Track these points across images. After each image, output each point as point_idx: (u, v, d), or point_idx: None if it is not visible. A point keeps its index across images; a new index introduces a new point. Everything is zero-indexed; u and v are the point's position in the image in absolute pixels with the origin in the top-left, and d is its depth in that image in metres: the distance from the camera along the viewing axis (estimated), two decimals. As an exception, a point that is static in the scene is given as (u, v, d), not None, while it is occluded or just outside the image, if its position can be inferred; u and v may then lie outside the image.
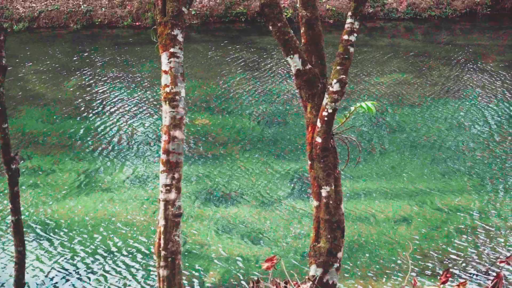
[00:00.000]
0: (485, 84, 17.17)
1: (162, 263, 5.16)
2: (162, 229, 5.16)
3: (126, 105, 15.87)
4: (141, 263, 8.99)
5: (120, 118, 14.96)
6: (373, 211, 10.30)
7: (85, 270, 8.84)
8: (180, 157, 5.17)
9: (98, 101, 16.22)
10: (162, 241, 5.15)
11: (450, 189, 11.07)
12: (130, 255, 9.19)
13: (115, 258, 9.12)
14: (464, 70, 18.65)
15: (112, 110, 15.55)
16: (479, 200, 10.70)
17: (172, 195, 5.14)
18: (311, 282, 5.43)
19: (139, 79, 18.16)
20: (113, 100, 16.28)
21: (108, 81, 18.00)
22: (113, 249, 9.35)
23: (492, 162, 12.24)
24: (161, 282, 5.18)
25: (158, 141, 13.25)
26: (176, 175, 5.16)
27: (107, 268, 8.90)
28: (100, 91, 17.06)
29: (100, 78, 18.27)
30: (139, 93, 16.84)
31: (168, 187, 5.14)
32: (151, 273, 8.72)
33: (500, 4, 26.18)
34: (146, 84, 17.65)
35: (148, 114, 15.23)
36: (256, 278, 5.56)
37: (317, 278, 5.45)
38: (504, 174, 11.74)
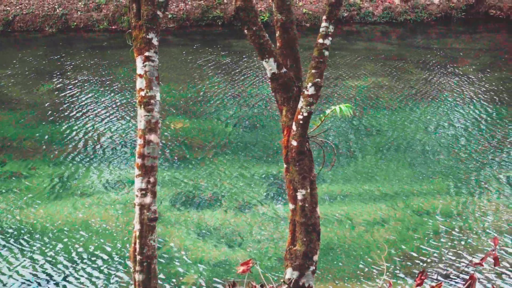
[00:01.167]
0: (460, 88, 17.33)
1: (137, 268, 5.14)
2: (137, 233, 5.14)
3: (102, 109, 15.78)
4: (117, 268, 8.94)
5: (95, 122, 14.87)
6: (349, 214, 10.34)
7: (59, 276, 8.76)
8: (156, 161, 5.16)
9: (73, 106, 16.10)
10: (137, 246, 5.13)
11: (425, 191, 11.16)
12: (106, 260, 9.13)
13: (90, 263, 9.06)
14: (439, 73, 18.81)
15: (88, 114, 15.45)
16: (454, 202, 10.79)
17: (148, 199, 5.12)
18: (286, 285, 5.43)
19: (115, 83, 18.07)
20: (89, 104, 16.17)
21: (84, 85, 17.88)
22: (88, 254, 9.29)
23: (468, 164, 12.35)
24: (137, 286, 5.16)
25: (134, 145, 13.19)
26: (151, 179, 5.14)
27: (82, 273, 8.84)
28: (76, 95, 16.95)
29: (75, 82, 18.15)
30: (114, 97, 16.75)
31: (144, 191, 5.12)
32: (127, 277, 8.68)
33: (474, 8, 26.45)
34: (122, 88, 17.57)
35: (124, 118, 15.16)
36: (231, 281, 5.55)
37: (293, 281, 5.45)
38: (479, 176, 11.85)
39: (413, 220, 10.16)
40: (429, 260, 9.03)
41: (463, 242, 9.53)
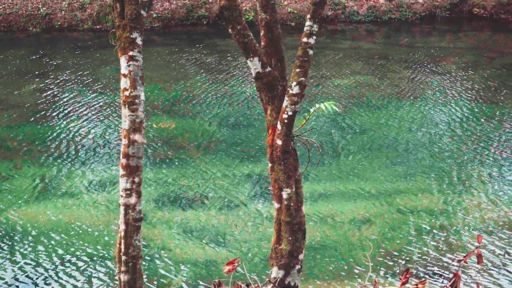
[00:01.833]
0: (444, 86, 17.43)
1: (123, 268, 5.13)
2: (122, 233, 5.12)
3: (85, 109, 15.71)
4: (102, 268, 8.90)
5: (79, 122, 14.79)
6: (334, 213, 10.36)
7: (41, 278, 8.72)
8: (140, 161, 5.14)
9: (58, 106, 16.02)
10: (122, 246, 5.11)
11: (410, 190, 11.21)
12: (91, 260, 9.09)
13: (75, 264, 9.01)
14: (423, 72, 18.90)
15: (72, 114, 15.37)
16: (438, 200, 10.85)
17: (133, 200, 5.11)
18: (272, 284, 5.43)
19: (99, 82, 17.99)
20: (72, 105, 16.10)
21: (68, 85, 17.79)
22: (73, 254, 9.24)
23: (451, 162, 12.42)
24: (122, 287, 5.14)
25: (118, 145, 13.15)
26: (136, 179, 5.13)
27: (67, 274, 8.79)
28: (60, 95, 16.87)
29: (59, 82, 18.05)
30: (99, 97, 16.68)
31: (128, 192, 5.10)
32: (112, 278, 8.64)
33: (458, 7, 26.60)
34: (107, 87, 17.50)
35: (108, 118, 15.10)
36: (217, 281, 5.55)
37: (279, 280, 5.46)
38: (462, 173, 11.92)
39: (397, 219, 10.20)
40: (413, 258, 9.07)
41: (447, 240, 9.58)
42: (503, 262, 8.99)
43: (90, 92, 17.13)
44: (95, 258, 9.15)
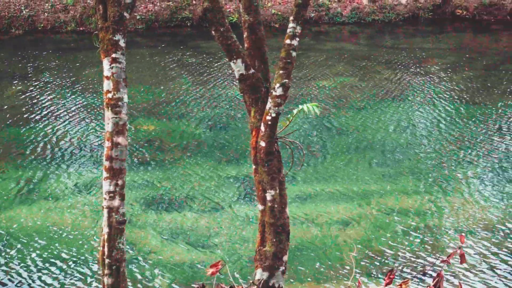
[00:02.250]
0: (426, 87, 17.52)
1: (106, 271, 5.10)
2: (106, 236, 5.10)
3: (69, 112, 15.63)
4: (86, 272, 8.85)
5: (62, 124, 14.72)
6: (318, 214, 10.38)
7: (25, 281, 8.66)
8: (124, 163, 5.13)
9: (41, 108, 15.93)
10: (106, 249, 5.09)
11: (393, 190, 11.26)
12: (74, 264, 9.04)
13: (58, 267, 8.96)
14: (407, 73, 18.99)
15: (55, 116, 15.29)
16: (421, 200, 10.90)
17: (116, 202, 5.09)
18: (256, 286, 5.43)
19: (82, 85, 17.91)
20: (56, 107, 16.01)
21: (51, 87, 17.70)
22: (56, 258, 9.19)
23: (434, 163, 12.49)
24: (105, 290, 5.12)
25: (100, 147, 13.10)
26: (119, 182, 5.11)
27: (50, 277, 8.74)
28: (43, 97, 16.77)
29: (42, 84, 17.95)
30: (82, 99, 16.61)
31: (112, 194, 5.08)
32: (96, 281, 8.60)
33: (441, 8, 26.75)
34: (90, 90, 17.42)
35: (91, 121, 15.03)
36: (200, 284, 5.54)
37: (263, 281, 5.46)
38: (445, 174, 11.99)
39: (381, 219, 10.24)
40: (397, 259, 9.11)
41: (430, 240, 9.63)
42: (486, 261, 9.06)
43: (72, 94, 17.05)
44: (77, 261, 9.10)
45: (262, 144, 5.43)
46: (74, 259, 9.16)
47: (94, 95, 16.89)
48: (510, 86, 17.53)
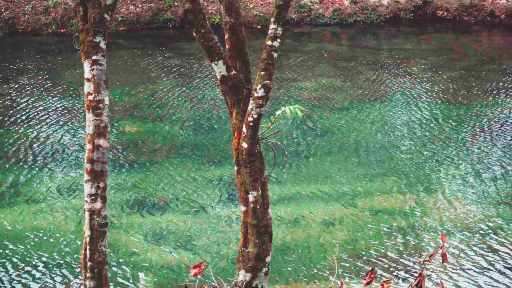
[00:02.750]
0: (409, 87, 17.62)
1: (88, 274, 5.08)
2: (88, 239, 5.08)
3: (50, 114, 15.53)
4: (68, 275, 8.80)
5: (43, 127, 14.62)
6: (301, 215, 10.40)
7: (7, 284, 8.59)
8: (105, 166, 5.11)
9: (21, 111, 15.81)
10: (88, 252, 5.07)
11: (375, 191, 11.31)
12: (56, 267, 8.99)
13: (40, 271, 8.90)
14: (388, 73, 19.09)
15: (36, 119, 15.18)
16: (404, 200, 10.96)
17: (98, 205, 5.07)
18: (238, 287, 5.43)
19: (64, 87, 17.80)
20: (37, 109, 15.90)
21: (32, 90, 17.57)
22: (38, 261, 9.13)
23: (417, 163, 12.56)
24: (87, 293, 5.10)
25: (81, 150, 13.03)
26: (101, 184, 5.09)
27: (31, 281, 8.68)
28: (24, 100, 16.65)
29: (23, 87, 17.82)
30: (63, 102, 16.51)
31: (93, 197, 5.07)
32: (78, 284, 8.56)
33: (422, 9, 26.91)
34: (71, 92, 17.31)
35: (72, 123, 14.94)
36: (183, 285, 5.53)
37: (246, 283, 5.46)
38: (428, 174, 12.06)
39: (363, 220, 10.28)
40: (379, 258, 9.15)
41: (412, 240, 9.69)
42: (467, 260, 9.13)
43: (53, 96, 16.94)
44: (59, 265, 9.05)
45: (244, 145, 5.43)
46: (56, 262, 9.11)
47: (75, 97, 16.79)
48: (489, 86, 17.68)
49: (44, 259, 9.18)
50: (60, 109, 15.92)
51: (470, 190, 11.36)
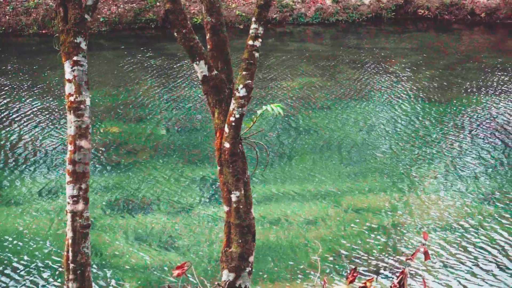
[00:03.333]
0: (390, 86, 17.71)
1: (71, 276, 5.06)
2: (70, 241, 5.05)
3: (31, 115, 15.43)
4: (50, 278, 8.76)
5: (25, 128, 14.52)
6: (285, 214, 10.42)
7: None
8: (87, 167, 5.08)
9: (2, 112, 15.70)
10: (70, 254, 5.05)
11: (357, 189, 11.36)
12: (38, 269, 8.94)
13: (22, 274, 8.85)
14: (370, 72, 19.17)
15: (17, 120, 15.08)
16: (387, 198, 11.02)
17: (80, 206, 5.05)
18: (221, 287, 5.43)
19: (45, 88, 17.70)
20: (18, 111, 15.79)
21: (13, 91, 17.45)
22: (20, 264, 9.07)
23: (399, 161, 12.63)
24: (70, 295, 5.07)
25: (62, 151, 12.96)
26: (83, 186, 5.06)
27: (13, 283, 8.62)
28: (4, 101, 16.53)
29: (4, 88, 17.69)
30: (45, 103, 16.41)
31: (75, 198, 5.04)
32: (60, 286, 8.52)
33: (403, 8, 27.05)
34: (52, 93, 17.21)
35: (54, 124, 14.86)
36: (167, 286, 5.52)
37: (229, 283, 5.46)
38: (410, 172, 12.13)
39: (346, 218, 10.32)
40: (362, 257, 9.19)
41: (394, 238, 9.74)
42: (449, 258, 9.19)
43: (33, 97, 16.84)
44: (41, 267, 9.00)
45: (227, 145, 5.43)
46: (39, 264, 9.05)
47: (57, 98, 16.70)
48: (469, 84, 17.81)
49: (26, 261, 9.13)
50: (42, 110, 15.83)
51: (452, 187, 11.44)
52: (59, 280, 8.66)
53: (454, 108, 15.84)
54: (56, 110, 15.84)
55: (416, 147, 13.36)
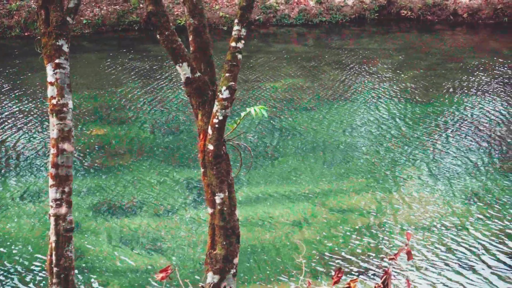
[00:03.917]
0: (374, 87, 17.77)
1: (54, 280, 5.03)
2: (53, 245, 5.03)
3: (14, 118, 15.32)
4: (33, 282, 8.70)
5: (7, 132, 14.42)
6: (270, 215, 10.43)
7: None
8: (70, 170, 5.06)
9: (-14, 115, 15.59)
10: (54, 257, 5.02)
11: (342, 190, 11.38)
12: (22, 274, 8.88)
13: (4, 278, 8.78)
14: (354, 73, 19.22)
15: None
16: (370, 199, 11.05)
17: (63, 210, 5.02)
18: (206, 290, 5.42)
19: (28, 91, 17.58)
20: (0, 114, 15.68)
21: (-4, 93, 17.33)
22: (2, 267, 9.00)
23: (384, 162, 12.67)
24: (54, 299, 5.04)
25: (45, 154, 12.89)
26: (66, 189, 5.04)
27: (-1, 288, 8.58)
28: (-12, 104, 16.41)
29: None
30: (27, 106, 16.31)
31: (59, 202, 5.02)
32: (47, 290, 8.48)
33: (386, 9, 27.16)
34: (35, 96, 17.11)
35: (37, 127, 14.76)
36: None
37: (214, 285, 5.46)
38: (395, 172, 12.18)
39: (333, 219, 10.34)
40: (347, 258, 9.21)
41: (378, 238, 9.78)
42: (432, 257, 9.24)
43: (18, 100, 16.72)
44: (25, 270, 8.94)
45: (210, 147, 5.42)
46: (22, 268, 8.99)
47: (40, 101, 16.60)
48: (451, 84, 17.91)
49: (9, 264, 9.06)
50: (24, 113, 15.72)
51: (434, 187, 11.50)
52: (42, 284, 8.61)
53: (437, 108, 15.92)
54: (39, 113, 15.74)
55: (399, 148, 13.42)
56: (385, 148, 13.39)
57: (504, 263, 9.08)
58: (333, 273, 8.67)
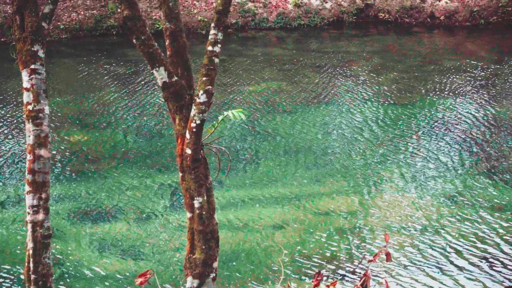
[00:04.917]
0: (353, 89, 17.85)
1: (32, 287, 4.99)
2: (31, 252, 4.99)
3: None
4: (14, 288, 8.64)
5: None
6: (249, 219, 10.42)
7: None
8: (47, 176, 5.02)
9: (-38, 122, 15.43)
10: (31, 265, 4.98)
11: (322, 193, 11.41)
12: None
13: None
14: (333, 76, 19.29)
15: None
16: (351, 201, 11.09)
17: (40, 216, 4.98)
18: (186, 294, 5.41)
19: (3, 97, 17.43)
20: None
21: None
22: (-17, 276, 8.93)
23: (362, 164, 12.72)
24: (32, 307, 5.00)
25: (21, 161, 12.78)
26: (43, 195, 5.00)
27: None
28: (-36, 110, 16.25)
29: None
30: (2, 112, 16.16)
31: (36, 208, 4.98)
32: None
33: (364, 12, 27.31)
34: (11, 102, 16.96)
35: (13, 133, 14.64)
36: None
37: (194, 289, 5.44)
38: (374, 174, 12.23)
39: (313, 221, 10.36)
40: (327, 260, 9.24)
41: (357, 241, 9.81)
42: (410, 258, 9.29)
43: (-4, 106, 16.58)
44: (2, 278, 8.85)
45: (188, 151, 5.41)
46: None
47: (17, 107, 16.46)
48: (430, 86, 18.04)
49: (-12, 273, 8.98)
50: (0, 119, 15.58)
51: (413, 189, 11.57)
52: (21, 291, 8.54)
53: (415, 110, 16.03)
54: (15, 119, 15.61)
55: (378, 150, 13.48)
56: (364, 150, 13.44)
57: (474, 265, 9.15)
58: (311, 275, 8.69)
